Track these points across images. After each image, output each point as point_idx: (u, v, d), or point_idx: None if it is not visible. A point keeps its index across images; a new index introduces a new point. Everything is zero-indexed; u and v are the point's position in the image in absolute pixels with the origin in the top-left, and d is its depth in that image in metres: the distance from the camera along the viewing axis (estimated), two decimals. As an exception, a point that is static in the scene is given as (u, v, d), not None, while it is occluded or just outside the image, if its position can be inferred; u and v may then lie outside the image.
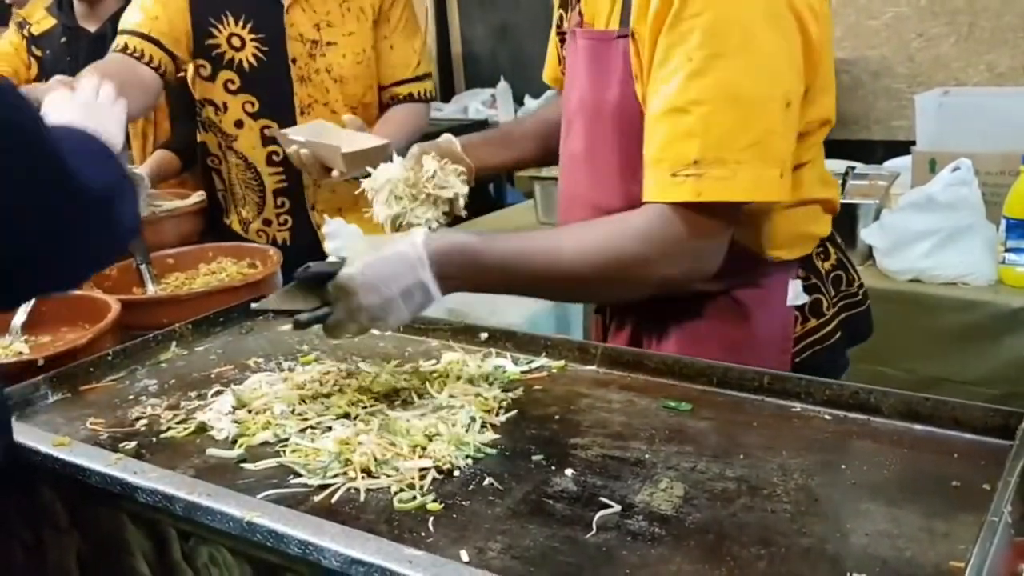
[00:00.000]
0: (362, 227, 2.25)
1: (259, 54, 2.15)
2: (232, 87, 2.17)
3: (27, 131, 0.88)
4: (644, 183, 1.19)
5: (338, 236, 1.98)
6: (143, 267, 1.86)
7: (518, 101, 4.64)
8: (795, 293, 1.32)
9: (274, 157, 2.20)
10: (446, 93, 5.21)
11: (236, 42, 2.14)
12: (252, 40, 2.14)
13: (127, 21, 2.12)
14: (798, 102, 1.17)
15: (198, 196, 2.33)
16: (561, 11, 1.49)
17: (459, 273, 1.16)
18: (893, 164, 2.83)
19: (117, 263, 1.89)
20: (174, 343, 1.47)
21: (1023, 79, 3.45)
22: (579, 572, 0.83)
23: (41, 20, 2.76)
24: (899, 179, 2.59)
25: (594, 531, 0.89)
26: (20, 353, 1.54)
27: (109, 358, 1.38)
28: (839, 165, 2.79)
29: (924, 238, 2.24)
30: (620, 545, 0.87)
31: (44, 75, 2.64)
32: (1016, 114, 2.48)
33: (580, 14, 1.36)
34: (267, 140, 2.19)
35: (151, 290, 1.82)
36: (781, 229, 1.28)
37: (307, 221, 2.25)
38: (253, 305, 1.26)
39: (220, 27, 2.14)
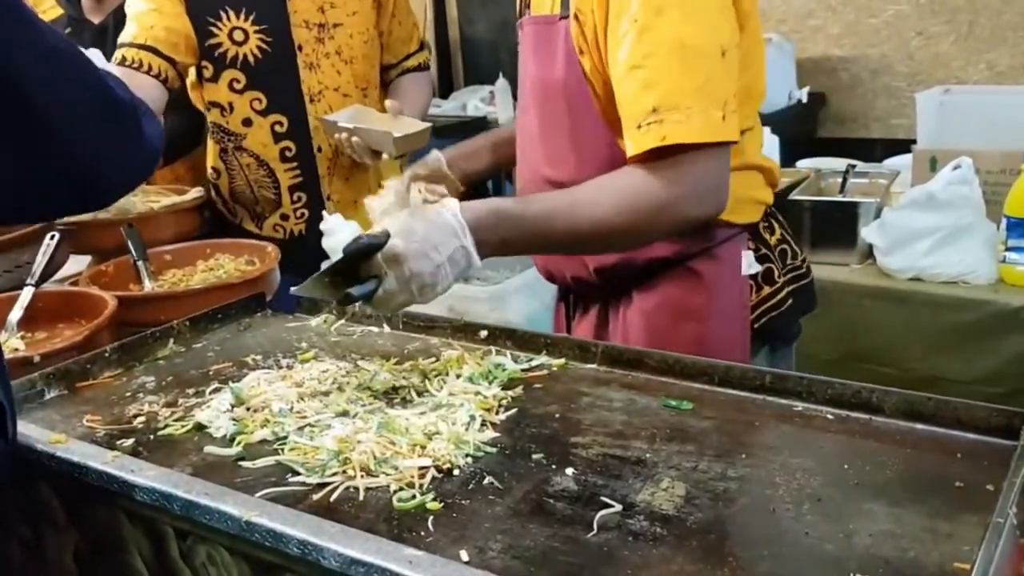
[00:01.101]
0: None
1: (263, 45, 2.12)
2: (237, 86, 2.14)
3: (74, 51, 0.95)
4: (622, 146, 1.27)
5: (336, 232, 1.99)
6: (140, 263, 1.85)
7: (517, 98, 4.62)
8: (748, 263, 1.41)
9: (287, 153, 2.19)
10: (445, 90, 5.20)
11: (239, 36, 2.11)
12: (255, 32, 2.11)
13: (124, 35, 2.11)
14: (734, 50, 1.25)
15: (196, 192, 2.31)
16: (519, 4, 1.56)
17: (494, 238, 1.20)
18: (893, 162, 2.83)
19: (115, 259, 1.89)
20: (172, 340, 1.46)
21: (1022, 78, 3.44)
22: (580, 572, 0.82)
23: (48, 10, 2.81)
24: (899, 177, 2.59)
25: (595, 531, 0.88)
26: (16, 350, 1.53)
27: (106, 355, 1.38)
28: (839, 163, 2.79)
29: (924, 237, 2.24)
30: (621, 545, 0.86)
31: None
32: (1017, 112, 2.47)
33: (527, 4, 1.46)
34: (278, 136, 2.17)
35: (149, 286, 1.81)
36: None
37: (320, 210, 2.21)
38: (292, 290, 1.26)
39: (220, 24, 2.11)
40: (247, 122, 2.17)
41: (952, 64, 3.59)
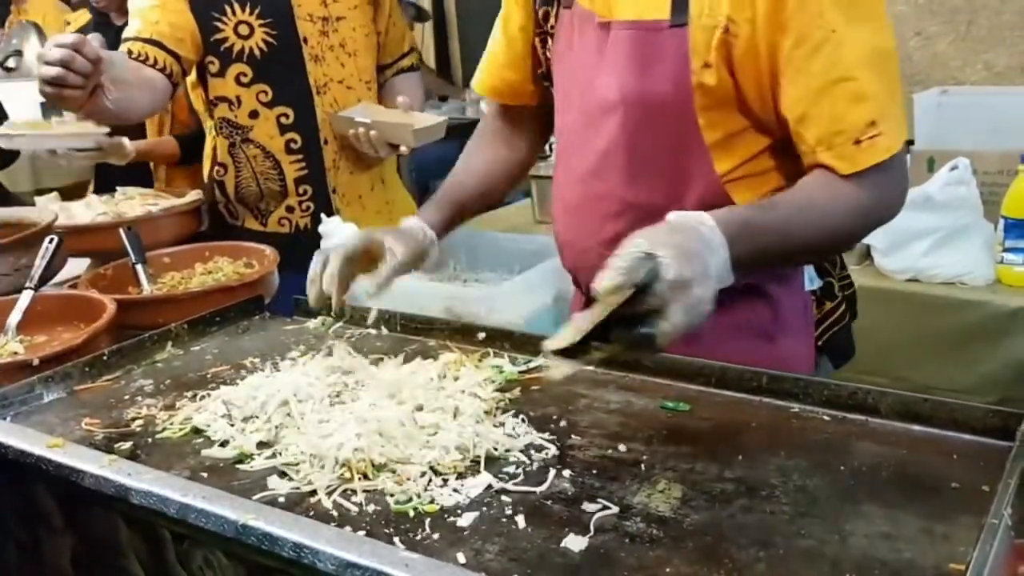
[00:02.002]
0: (377, 208, 2.30)
1: (269, 39, 2.15)
2: (244, 80, 2.16)
3: None
4: (824, 162, 1.19)
5: (335, 234, 2.00)
6: (139, 266, 1.85)
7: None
8: (810, 277, 1.37)
9: (292, 145, 2.21)
10: (444, 91, 5.20)
11: (244, 30, 2.14)
12: (260, 26, 2.14)
13: (128, 30, 2.13)
14: None
15: (194, 195, 2.32)
16: (545, 8, 1.44)
17: (745, 250, 1.08)
18: (891, 163, 2.82)
19: (113, 262, 1.89)
20: (170, 343, 1.46)
21: (1021, 78, 3.44)
22: (576, 574, 0.83)
23: (79, 16, 2.92)
24: (897, 178, 2.58)
25: (591, 532, 0.88)
26: (15, 353, 1.53)
27: (104, 358, 1.38)
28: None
29: (922, 237, 2.24)
30: (617, 547, 0.86)
31: None
32: (1015, 113, 2.47)
33: (580, 2, 1.35)
34: (284, 128, 2.19)
35: (147, 289, 1.82)
36: None
37: (328, 205, 2.26)
38: (550, 347, 1.00)
39: (225, 19, 2.13)
40: (254, 114, 2.19)
41: (950, 64, 3.58)
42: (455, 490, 0.97)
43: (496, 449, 1.05)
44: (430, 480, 0.98)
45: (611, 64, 1.31)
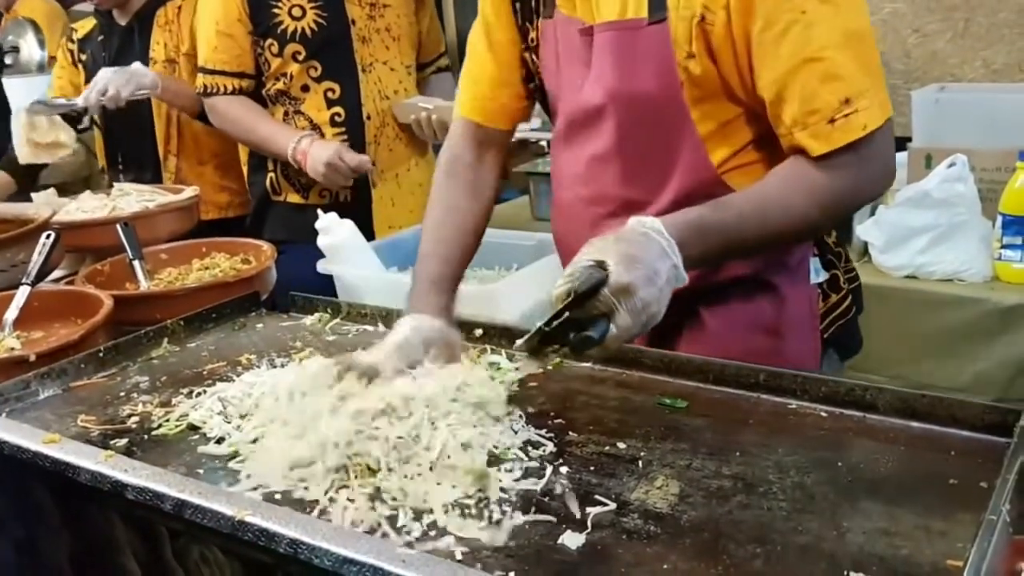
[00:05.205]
0: (411, 188, 2.49)
1: (320, 19, 2.33)
2: (299, 57, 2.34)
3: None
4: (799, 143, 1.18)
5: (331, 231, 2.00)
6: (136, 262, 1.84)
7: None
8: (815, 270, 1.37)
9: (336, 118, 2.37)
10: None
11: (297, 12, 2.32)
12: (312, 8, 2.33)
13: (200, 58, 2.44)
14: None
15: (191, 191, 2.31)
16: (526, 23, 1.44)
17: (695, 252, 1.11)
18: (889, 160, 2.82)
19: (110, 258, 1.89)
20: (166, 339, 1.46)
21: (1019, 75, 3.44)
22: (574, 571, 0.82)
23: (85, 23, 2.95)
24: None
25: (589, 529, 0.88)
26: (12, 349, 1.53)
27: (100, 354, 1.38)
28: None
29: (920, 234, 2.24)
30: (615, 543, 0.86)
31: (88, 77, 2.80)
32: (1013, 110, 2.47)
33: (561, 10, 1.35)
34: (330, 103, 2.37)
35: (144, 286, 1.81)
36: None
37: (366, 178, 2.40)
38: (516, 347, 1.10)
39: (280, 4, 2.31)
40: (304, 88, 2.37)
41: (948, 62, 3.58)
42: (453, 486, 0.96)
43: (496, 447, 1.04)
44: (422, 476, 0.98)
45: (597, 68, 1.31)
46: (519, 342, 1.09)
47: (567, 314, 1.03)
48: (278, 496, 0.95)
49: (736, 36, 1.20)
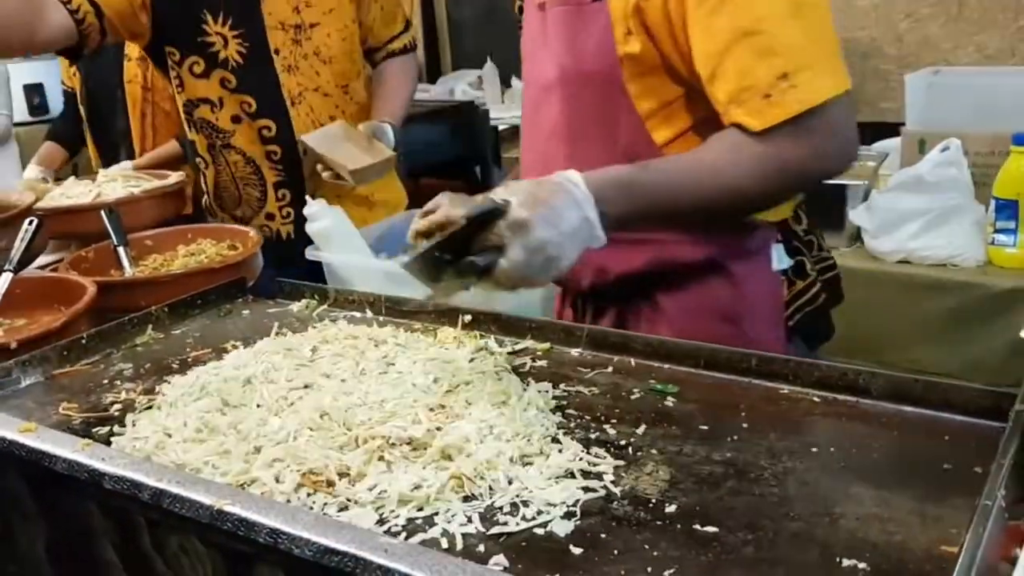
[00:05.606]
0: (356, 211, 2.25)
1: (242, 50, 2.09)
2: (229, 85, 2.11)
3: None
4: (736, 120, 1.16)
5: (320, 217, 1.97)
6: (121, 249, 1.82)
7: (505, 83, 4.59)
8: (779, 257, 1.34)
9: (272, 156, 2.16)
10: (432, 74, 5.15)
11: (220, 41, 2.08)
12: (233, 37, 2.08)
13: None
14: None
15: (177, 176, 2.29)
16: (517, 10, 1.48)
17: (617, 211, 1.11)
18: (882, 145, 2.81)
19: (94, 244, 1.86)
20: (150, 326, 1.43)
21: (1012, 60, 3.42)
22: (562, 558, 0.81)
23: None
24: (888, 160, 2.57)
25: (578, 516, 0.87)
26: (-7, 336, 1.50)
27: (83, 341, 1.35)
28: (828, 146, 2.77)
29: (913, 219, 2.23)
30: (604, 530, 0.84)
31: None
32: (1006, 94, 2.46)
33: None
34: (266, 140, 2.15)
35: (129, 272, 1.79)
36: None
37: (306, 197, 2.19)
38: (402, 262, 1.10)
39: (206, 26, 2.07)
40: (236, 119, 2.14)
41: (941, 47, 3.56)
42: (438, 472, 0.94)
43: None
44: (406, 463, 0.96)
45: (550, 45, 1.33)
46: (404, 257, 1.09)
47: (454, 237, 1.05)
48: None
49: (672, 11, 1.18)
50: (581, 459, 0.95)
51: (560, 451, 0.97)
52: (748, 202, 1.22)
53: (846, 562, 0.78)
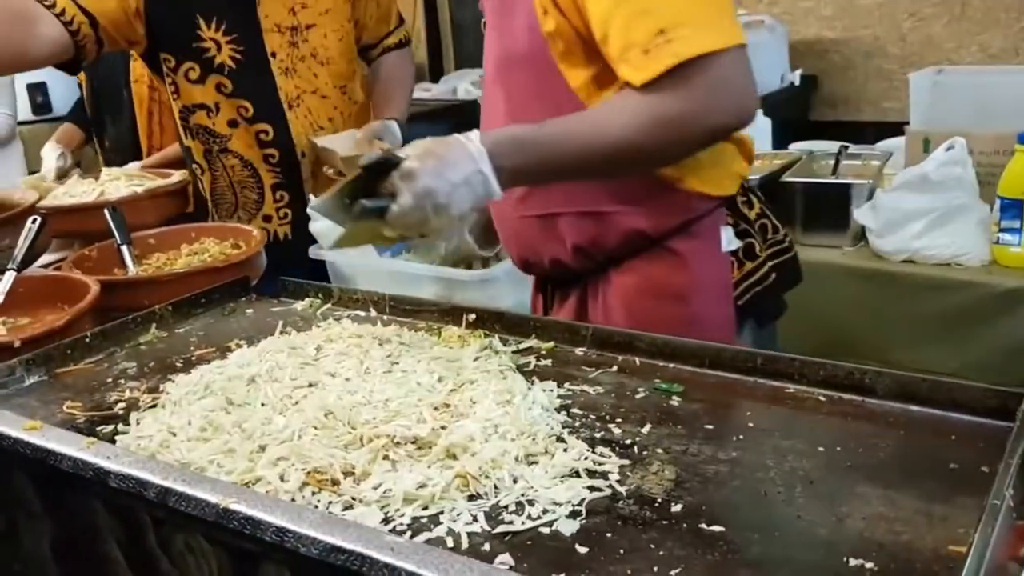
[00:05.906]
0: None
1: (236, 55, 2.06)
2: (225, 90, 2.08)
3: None
4: (624, 77, 1.21)
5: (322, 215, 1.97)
6: (124, 247, 1.82)
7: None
8: (728, 239, 1.40)
9: (271, 159, 2.14)
10: (435, 73, 5.14)
11: (214, 45, 2.06)
12: (227, 42, 2.05)
13: None
14: None
15: (180, 175, 2.29)
16: None
17: (510, 163, 1.19)
18: (886, 144, 2.81)
19: (98, 243, 1.86)
20: (154, 325, 1.43)
21: (1016, 59, 3.42)
22: (568, 557, 0.81)
23: None
24: (892, 159, 2.56)
25: (584, 515, 0.86)
26: (-3, 335, 1.50)
27: (87, 340, 1.35)
28: (832, 145, 2.76)
29: (917, 218, 2.22)
30: (610, 529, 0.84)
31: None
32: (1010, 93, 2.45)
33: None
34: (263, 144, 2.12)
35: (132, 271, 1.79)
36: (701, 157, 1.31)
37: (306, 213, 2.12)
38: (311, 205, 1.28)
39: (200, 31, 2.04)
40: (233, 123, 2.11)
41: (944, 46, 3.56)
42: (443, 470, 0.94)
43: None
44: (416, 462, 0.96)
45: (489, 35, 1.43)
46: (316, 200, 1.24)
47: (356, 184, 1.18)
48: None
49: None
50: (586, 458, 0.95)
51: (565, 450, 0.97)
52: (637, 154, 1.24)
53: (853, 562, 0.77)
